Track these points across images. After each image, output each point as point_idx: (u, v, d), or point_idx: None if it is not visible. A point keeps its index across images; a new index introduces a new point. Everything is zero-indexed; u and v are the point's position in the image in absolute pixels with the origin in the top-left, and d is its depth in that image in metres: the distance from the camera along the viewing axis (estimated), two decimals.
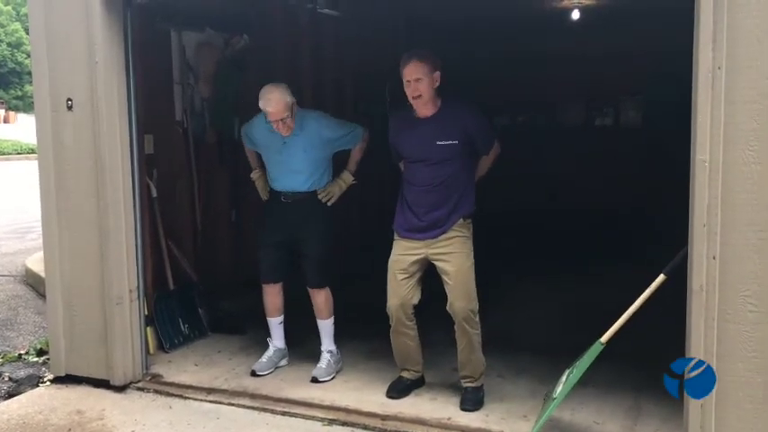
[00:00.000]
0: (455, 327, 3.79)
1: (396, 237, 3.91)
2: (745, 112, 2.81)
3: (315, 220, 4.23)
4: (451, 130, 3.72)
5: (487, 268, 4.01)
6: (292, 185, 4.21)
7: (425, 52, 3.73)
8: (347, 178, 4.32)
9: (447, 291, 3.76)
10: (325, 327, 4.34)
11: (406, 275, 3.83)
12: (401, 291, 3.84)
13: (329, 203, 4.28)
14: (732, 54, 2.80)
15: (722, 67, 2.82)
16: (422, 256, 3.80)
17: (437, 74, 3.71)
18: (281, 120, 4.06)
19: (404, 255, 3.83)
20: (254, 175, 4.47)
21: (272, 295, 4.38)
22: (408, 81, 3.68)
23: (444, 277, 3.77)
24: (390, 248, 3.93)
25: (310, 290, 4.31)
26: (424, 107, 3.75)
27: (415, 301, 3.87)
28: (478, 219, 3.91)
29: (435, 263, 3.79)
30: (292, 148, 4.16)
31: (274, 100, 4.02)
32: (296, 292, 4.42)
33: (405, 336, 3.94)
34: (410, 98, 3.72)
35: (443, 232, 3.75)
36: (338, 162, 4.40)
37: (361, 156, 4.34)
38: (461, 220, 3.77)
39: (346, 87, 7.22)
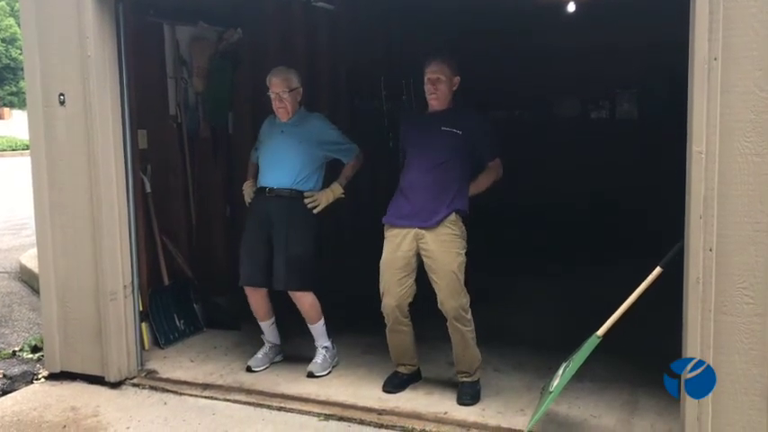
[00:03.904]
0: (447, 324, 3.79)
1: (386, 231, 3.89)
2: (741, 103, 2.80)
3: (297, 220, 4.13)
4: (457, 122, 3.81)
5: (486, 263, 4.02)
6: (279, 179, 4.16)
7: (450, 55, 3.86)
8: (336, 190, 4.27)
9: (435, 290, 3.75)
10: (317, 329, 4.30)
11: (402, 274, 3.81)
12: (397, 291, 3.81)
13: (315, 211, 4.20)
14: (728, 45, 2.79)
15: (718, 58, 2.81)
16: (413, 251, 3.78)
17: (457, 78, 3.85)
18: (279, 94, 4.13)
19: (397, 253, 3.81)
20: (246, 184, 4.43)
21: (257, 300, 4.28)
22: (429, 79, 3.80)
23: (432, 276, 3.76)
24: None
25: (291, 294, 4.18)
26: (438, 103, 3.86)
27: (411, 299, 3.86)
28: (479, 214, 3.91)
29: (424, 259, 3.77)
30: (288, 138, 4.17)
31: (278, 71, 4.20)
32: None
33: (401, 333, 3.92)
34: (427, 95, 3.84)
35: (435, 224, 3.72)
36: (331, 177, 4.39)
37: (352, 173, 4.34)
38: (453, 215, 3.76)
39: (341, 81, 7.19)
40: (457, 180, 3.79)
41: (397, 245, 3.81)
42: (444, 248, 3.71)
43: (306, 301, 4.20)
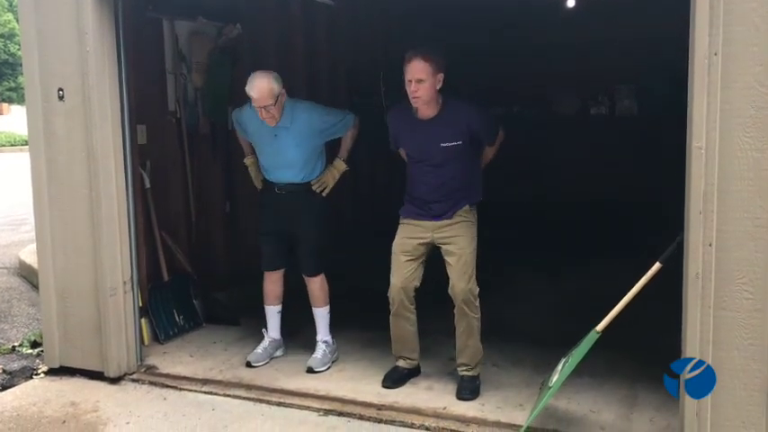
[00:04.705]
0: (455, 310, 3.80)
1: (402, 221, 3.92)
2: (741, 99, 2.79)
3: (309, 209, 4.22)
4: (455, 130, 3.70)
5: (487, 258, 4.03)
6: (285, 177, 4.19)
7: (431, 51, 3.61)
8: (340, 166, 4.29)
9: (449, 273, 3.78)
10: (321, 315, 4.33)
11: (410, 258, 3.84)
12: (404, 272, 3.84)
13: (323, 194, 4.26)
14: (729, 39, 2.78)
15: (718, 54, 2.80)
16: (428, 240, 3.82)
17: (440, 75, 3.63)
18: (265, 107, 3.98)
19: (409, 238, 3.85)
20: (247, 161, 4.45)
21: (272, 283, 4.38)
22: (410, 81, 3.60)
23: (448, 259, 3.78)
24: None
25: (306, 278, 4.31)
26: (425, 107, 3.71)
27: (417, 284, 3.88)
28: (480, 209, 3.92)
29: (440, 246, 3.81)
30: (283, 141, 4.11)
31: (259, 86, 3.95)
32: (292, 283, 4.41)
33: (405, 320, 3.93)
34: (410, 96, 3.65)
35: (449, 217, 3.79)
36: (330, 151, 4.38)
37: (352, 143, 4.31)
38: (467, 206, 3.82)
39: (340, 77, 7.18)
40: (467, 181, 3.83)
41: (411, 230, 3.86)
42: (461, 233, 3.78)
43: (317, 284, 4.30)
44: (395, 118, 3.96)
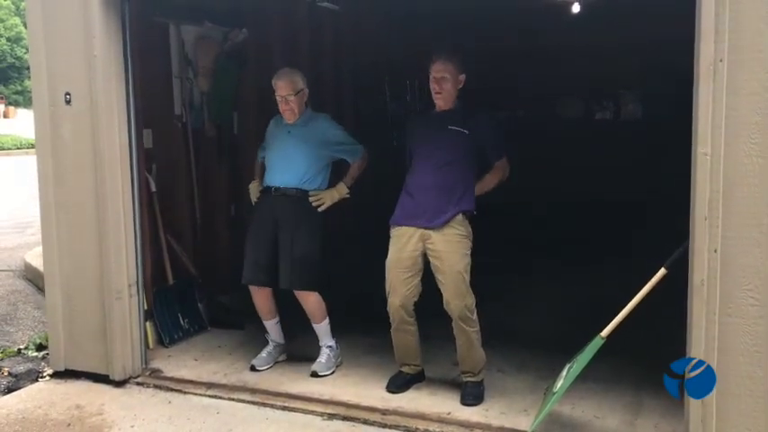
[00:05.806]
0: (453, 324, 3.79)
1: (392, 231, 3.89)
2: (747, 105, 2.79)
3: (302, 219, 4.15)
4: (465, 122, 3.80)
5: (489, 262, 4.02)
6: (285, 178, 4.18)
7: (456, 53, 3.83)
8: (341, 189, 4.28)
9: (441, 290, 3.75)
10: (321, 329, 4.30)
11: (408, 274, 3.81)
12: (402, 290, 3.82)
13: (319, 209, 4.22)
14: (734, 46, 2.78)
15: (724, 60, 2.80)
16: (420, 251, 3.78)
17: (462, 76, 3.83)
18: (285, 97, 4.13)
19: (403, 253, 3.80)
20: (252, 184, 4.46)
21: (261, 299, 4.31)
22: (435, 77, 3.79)
23: (438, 276, 3.75)
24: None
25: (296, 293, 4.20)
26: (444, 104, 3.85)
27: (416, 298, 3.86)
28: (481, 210, 3.91)
29: (430, 259, 3.78)
30: (294, 138, 4.19)
31: (283, 74, 4.20)
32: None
33: (406, 332, 3.92)
34: (433, 94, 3.84)
35: (442, 224, 3.72)
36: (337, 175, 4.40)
37: (358, 173, 4.35)
38: (460, 216, 3.76)
39: (345, 82, 7.19)
40: (463, 180, 3.79)
41: (404, 244, 3.81)
42: (451, 249, 3.72)
43: (310, 301, 4.21)
44: (411, 121, 4.18)
